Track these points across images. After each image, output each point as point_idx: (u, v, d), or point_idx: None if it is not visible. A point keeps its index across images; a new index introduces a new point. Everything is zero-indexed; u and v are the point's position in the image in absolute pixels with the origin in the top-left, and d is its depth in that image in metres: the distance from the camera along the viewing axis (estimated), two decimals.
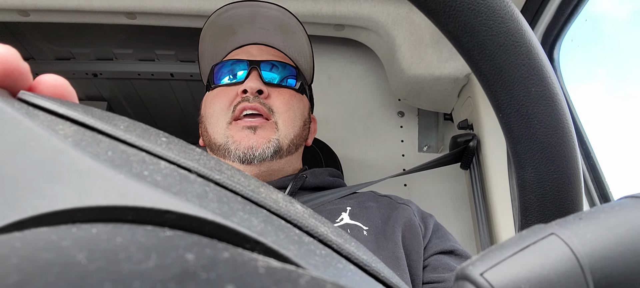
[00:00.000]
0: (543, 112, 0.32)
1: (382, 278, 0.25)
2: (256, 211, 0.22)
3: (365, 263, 0.24)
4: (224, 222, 0.19)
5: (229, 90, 0.90)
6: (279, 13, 0.93)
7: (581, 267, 0.21)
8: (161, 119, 2.24)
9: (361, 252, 0.25)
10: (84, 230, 0.17)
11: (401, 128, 1.53)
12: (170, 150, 0.23)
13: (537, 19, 1.05)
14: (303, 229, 0.23)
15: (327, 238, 0.23)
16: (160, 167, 0.21)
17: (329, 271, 0.21)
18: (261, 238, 0.19)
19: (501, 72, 0.32)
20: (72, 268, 0.14)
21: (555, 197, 0.34)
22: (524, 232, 0.23)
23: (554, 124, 0.32)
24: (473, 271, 0.21)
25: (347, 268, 0.22)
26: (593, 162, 1.06)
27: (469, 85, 1.27)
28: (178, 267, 0.15)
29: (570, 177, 0.33)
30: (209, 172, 0.23)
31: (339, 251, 0.23)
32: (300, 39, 0.96)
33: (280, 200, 0.24)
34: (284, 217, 0.23)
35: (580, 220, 0.24)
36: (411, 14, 1.22)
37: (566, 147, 0.33)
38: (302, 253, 0.20)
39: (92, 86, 2.00)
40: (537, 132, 0.32)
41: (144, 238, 0.17)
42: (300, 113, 0.93)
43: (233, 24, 0.95)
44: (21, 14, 1.29)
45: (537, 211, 0.35)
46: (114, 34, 1.71)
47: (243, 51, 0.97)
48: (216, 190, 0.21)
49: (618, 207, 0.25)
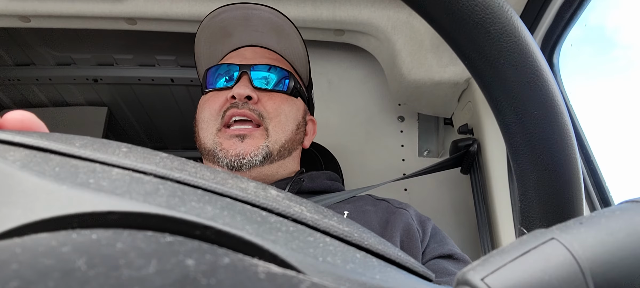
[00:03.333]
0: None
1: (367, 246, 0.24)
2: (215, 200, 0.22)
3: (346, 234, 0.24)
4: (166, 212, 0.19)
5: (220, 95, 0.90)
6: (271, 15, 0.93)
7: (582, 271, 0.21)
8: (162, 123, 2.24)
9: (344, 225, 0.25)
10: (84, 236, 0.17)
11: (401, 133, 1.53)
12: (127, 158, 0.23)
13: (536, 24, 1.05)
14: (272, 211, 0.23)
15: (301, 216, 0.23)
16: (112, 174, 0.22)
17: (293, 244, 0.20)
18: (210, 222, 0.19)
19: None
20: (72, 274, 0.14)
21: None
22: (524, 237, 0.23)
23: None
24: (474, 276, 0.21)
25: (319, 240, 0.22)
26: (593, 166, 1.06)
27: (469, 89, 1.27)
28: (178, 273, 0.15)
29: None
30: (168, 172, 0.23)
31: (315, 226, 0.23)
32: (295, 41, 0.96)
33: (249, 188, 0.24)
34: (250, 202, 0.23)
35: (581, 224, 0.24)
36: (411, 19, 1.22)
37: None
38: (262, 231, 0.20)
39: (93, 91, 2.00)
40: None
41: (144, 244, 0.17)
42: (292, 117, 0.92)
43: (227, 26, 0.95)
44: (22, 20, 1.30)
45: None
46: (114, 39, 1.71)
47: (237, 54, 0.96)
48: (171, 187, 0.22)
49: (619, 211, 0.24)
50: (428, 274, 0.27)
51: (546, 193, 0.34)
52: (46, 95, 2.02)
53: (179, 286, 0.14)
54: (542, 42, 1.08)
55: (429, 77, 1.28)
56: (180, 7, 1.23)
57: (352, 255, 0.22)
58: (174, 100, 2.05)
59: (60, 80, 1.90)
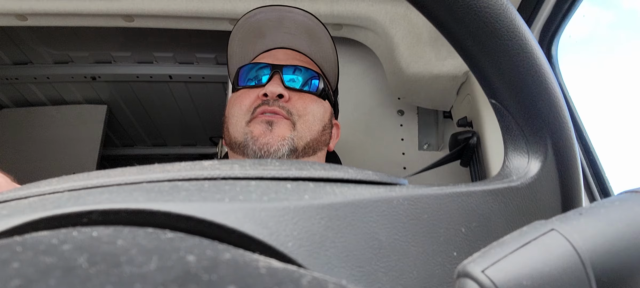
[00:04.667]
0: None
1: (303, 176, 0.27)
2: (131, 189, 0.23)
3: (278, 174, 0.26)
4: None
5: (251, 92, 0.92)
6: (305, 18, 0.95)
7: (582, 262, 0.21)
8: (160, 120, 2.24)
9: (285, 167, 0.27)
10: (84, 233, 0.17)
11: (401, 126, 1.53)
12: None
13: (534, 16, 1.05)
14: (206, 178, 0.25)
15: (227, 173, 0.26)
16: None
17: (194, 196, 0.22)
18: (92, 207, 0.20)
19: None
20: (74, 272, 0.14)
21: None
22: (524, 228, 0.23)
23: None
24: (474, 268, 0.21)
25: (236, 186, 0.24)
26: (593, 157, 1.06)
27: (467, 82, 1.27)
28: (179, 269, 0.15)
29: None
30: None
31: (238, 177, 0.26)
32: (325, 45, 0.98)
33: (202, 166, 0.26)
34: (190, 178, 0.25)
35: (581, 215, 0.24)
36: (409, 13, 1.21)
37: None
38: (162, 197, 0.22)
39: (91, 89, 2.00)
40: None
41: (145, 240, 0.17)
42: (319, 117, 0.94)
43: (261, 27, 0.97)
44: (19, 18, 1.29)
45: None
46: (112, 37, 1.71)
47: (269, 55, 0.98)
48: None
49: (618, 202, 0.25)
50: (385, 179, 0.29)
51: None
52: (44, 93, 2.01)
53: (180, 282, 0.14)
54: (540, 35, 1.08)
55: (428, 71, 1.28)
56: (177, 3, 1.23)
57: (280, 188, 0.25)
58: (173, 97, 2.04)
59: (58, 78, 1.90)
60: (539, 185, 0.34)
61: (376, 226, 0.25)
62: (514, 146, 0.36)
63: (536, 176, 0.34)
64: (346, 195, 0.25)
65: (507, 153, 0.37)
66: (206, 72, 1.87)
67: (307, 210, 0.23)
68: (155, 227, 0.20)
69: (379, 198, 0.26)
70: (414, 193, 0.28)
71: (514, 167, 0.36)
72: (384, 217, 0.26)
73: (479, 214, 0.31)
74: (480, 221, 0.31)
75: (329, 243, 0.23)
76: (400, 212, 0.27)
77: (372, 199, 0.26)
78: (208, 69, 1.87)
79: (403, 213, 0.27)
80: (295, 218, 0.23)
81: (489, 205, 0.32)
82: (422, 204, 0.28)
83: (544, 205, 0.34)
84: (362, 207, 0.25)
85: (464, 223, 0.30)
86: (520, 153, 0.36)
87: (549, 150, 0.34)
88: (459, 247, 0.29)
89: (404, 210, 0.27)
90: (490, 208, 0.32)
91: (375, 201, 0.26)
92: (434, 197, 0.29)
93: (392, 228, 0.26)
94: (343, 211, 0.24)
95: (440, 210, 0.29)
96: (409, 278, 0.26)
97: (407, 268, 0.26)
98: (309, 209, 0.23)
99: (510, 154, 0.36)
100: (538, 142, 0.35)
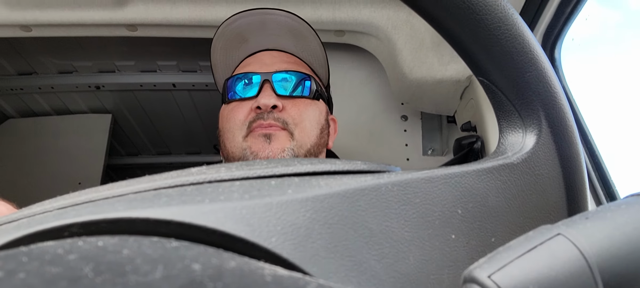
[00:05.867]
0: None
1: (287, 172, 0.27)
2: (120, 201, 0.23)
3: (262, 173, 0.27)
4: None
5: (243, 105, 0.90)
6: (288, 19, 0.93)
7: (589, 266, 0.21)
8: (165, 129, 2.24)
9: (272, 165, 0.27)
10: (90, 243, 0.17)
11: (405, 132, 1.52)
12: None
13: (537, 20, 1.05)
14: (192, 183, 0.25)
15: (213, 177, 0.26)
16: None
17: (174, 201, 0.22)
18: (75, 220, 0.21)
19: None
20: (80, 282, 0.14)
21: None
22: (530, 233, 0.23)
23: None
24: (481, 273, 0.21)
25: (219, 188, 0.24)
26: (598, 160, 1.05)
27: (470, 87, 1.27)
28: (185, 278, 0.15)
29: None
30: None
31: (222, 179, 0.26)
32: (312, 42, 0.96)
33: (189, 172, 0.27)
34: (175, 185, 0.25)
35: (587, 219, 0.23)
36: (411, 18, 1.22)
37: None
38: (142, 204, 0.22)
39: (95, 99, 2.01)
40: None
41: (151, 249, 0.17)
42: (316, 121, 0.93)
43: (243, 32, 0.95)
44: (23, 29, 1.30)
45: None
46: (115, 46, 1.71)
47: (255, 59, 0.96)
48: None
49: (625, 205, 0.24)
50: (374, 168, 0.29)
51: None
52: (49, 103, 2.02)
53: None
54: (543, 38, 1.08)
55: (431, 76, 1.28)
56: (180, 12, 1.23)
57: (264, 185, 0.25)
58: (176, 106, 2.05)
59: (63, 88, 1.91)
60: (536, 159, 0.34)
61: (365, 214, 0.25)
62: (508, 122, 0.36)
63: (533, 150, 0.34)
64: (332, 186, 0.25)
65: (502, 131, 0.36)
66: (209, 80, 1.87)
67: (290, 204, 0.23)
68: (136, 234, 0.20)
69: (366, 186, 0.26)
70: (402, 178, 0.28)
71: (509, 143, 0.35)
72: (372, 204, 0.26)
73: (475, 194, 0.31)
74: (477, 201, 0.31)
75: (315, 236, 0.23)
76: (390, 198, 0.27)
77: (359, 188, 0.26)
78: (211, 77, 1.87)
79: (393, 199, 0.27)
80: (278, 213, 0.23)
81: (485, 185, 0.31)
82: (413, 188, 0.28)
83: (543, 179, 0.34)
84: (348, 196, 0.25)
85: (459, 204, 0.30)
86: (514, 129, 0.35)
87: (543, 122, 0.34)
88: (456, 229, 0.29)
89: (394, 196, 0.27)
90: (486, 188, 0.31)
91: (363, 189, 0.26)
92: (425, 180, 0.29)
93: (383, 216, 0.26)
94: (328, 202, 0.24)
95: (433, 193, 0.29)
96: (405, 264, 0.26)
97: (402, 254, 0.26)
98: (293, 203, 0.23)
99: (504, 131, 0.36)
100: (531, 115, 0.34)
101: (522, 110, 0.35)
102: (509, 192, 0.32)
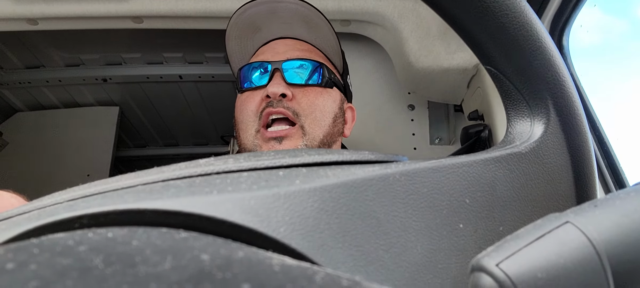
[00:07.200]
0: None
1: (296, 162, 0.27)
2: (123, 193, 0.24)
3: (270, 163, 0.27)
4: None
5: (255, 94, 0.90)
6: (298, 6, 0.92)
7: (598, 254, 0.21)
8: (171, 120, 2.25)
9: (279, 157, 0.27)
10: (100, 234, 0.18)
11: (412, 121, 1.52)
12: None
13: (544, 6, 1.04)
14: (199, 174, 0.25)
15: (222, 168, 0.26)
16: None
17: (183, 192, 0.22)
18: (85, 211, 0.21)
19: None
20: (90, 272, 0.14)
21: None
22: (539, 221, 0.23)
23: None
24: (489, 262, 0.21)
25: (227, 178, 0.24)
26: (607, 148, 1.04)
27: (477, 75, 1.26)
28: (194, 268, 0.15)
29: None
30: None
31: (231, 170, 0.26)
32: (324, 30, 0.95)
33: (198, 163, 0.27)
34: (183, 176, 0.25)
35: (596, 207, 0.23)
36: (417, 7, 1.21)
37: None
38: (151, 196, 0.22)
39: (103, 91, 2.02)
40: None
41: (160, 240, 0.17)
42: (328, 110, 0.91)
43: (255, 21, 0.95)
44: (30, 23, 1.31)
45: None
46: (121, 38, 1.72)
47: (269, 48, 0.96)
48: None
49: (634, 193, 0.24)
50: (381, 157, 0.29)
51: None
52: (57, 96, 2.03)
53: (195, 281, 0.14)
54: (551, 25, 1.07)
55: (438, 65, 1.27)
56: (185, 4, 1.23)
57: (272, 176, 0.25)
58: (183, 97, 2.05)
59: (70, 81, 1.92)
60: (544, 148, 0.33)
61: (373, 204, 0.25)
62: (515, 111, 0.36)
63: (541, 139, 0.33)
64: (339, 176, 0.25)
65: (509, 120, 0.36)
66: (216, 71, 1.87)
67: (298, 195, 0.23)
68: (145, 225, 0.20)
69: (374, 176, 0.26)
70: (410, 168, 0.28)
71: (517, 132, 0.35)
72: (380, 194, 0.26)
73: (483, 183, 0.30)
74: (485, 190, 0.30)
75: (323, 226, 0.23)
76: (398, 188, 0.27)
77: (367, 178, 0.26)
78: (218, 68, 1.87)
79: (401, 189, 0.27)
80: (286, 203, 0.23)
81: (493, 174, 0.31)
82: (420, 178, 0.28)
83: (552, 167, 0.34)
84: (356, 186, 0.25)
85: (467, 194, 0.30)
86: (522, 118, 0.35)
87: (551, 111, 0.34)
88: (464, 218, 0.29)
89: (402, 186, 0.27)
90: (494, 177, 0.31)
91: (370, 179, 0.26)
92: (433, 170, 0.29)
93: (391, 205, 0.26)
94: (336, 192, 0.24)
95: (440, 182, 0.29)
96: (413, 253, 0.26)
97: (410, 243, 0.26)
98: (301, 193, 0.23)
99: (512, 120, 0.36)
100: (539, 104, 0.34)
101: (529, 99, 0.34)
102: (517, 181, 0.32)
